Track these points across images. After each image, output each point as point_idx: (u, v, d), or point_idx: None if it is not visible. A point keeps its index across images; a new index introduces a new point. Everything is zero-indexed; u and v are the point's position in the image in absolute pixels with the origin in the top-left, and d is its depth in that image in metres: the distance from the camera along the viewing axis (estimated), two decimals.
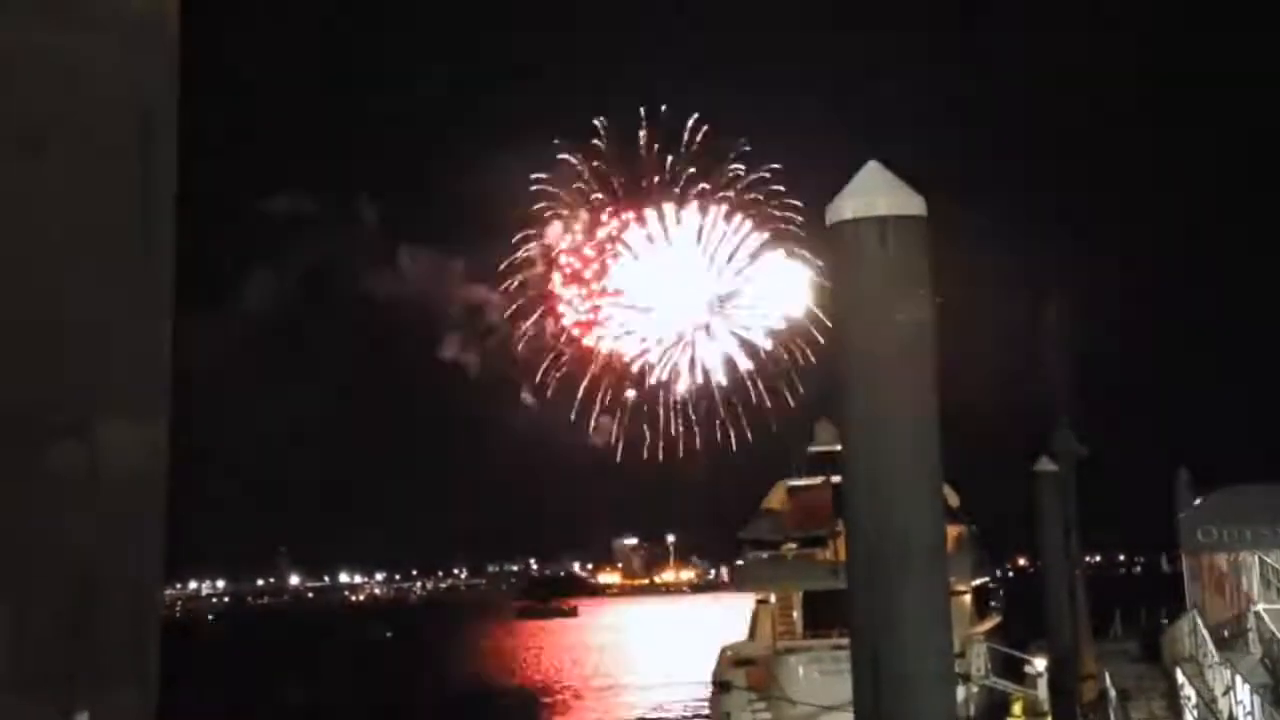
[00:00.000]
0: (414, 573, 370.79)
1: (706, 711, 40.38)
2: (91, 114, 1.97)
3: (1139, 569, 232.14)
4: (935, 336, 8.02)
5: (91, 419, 1.97)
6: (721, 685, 36.59)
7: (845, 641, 8.62)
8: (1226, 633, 35.49)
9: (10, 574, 1.89)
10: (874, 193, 8.06)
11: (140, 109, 2.04)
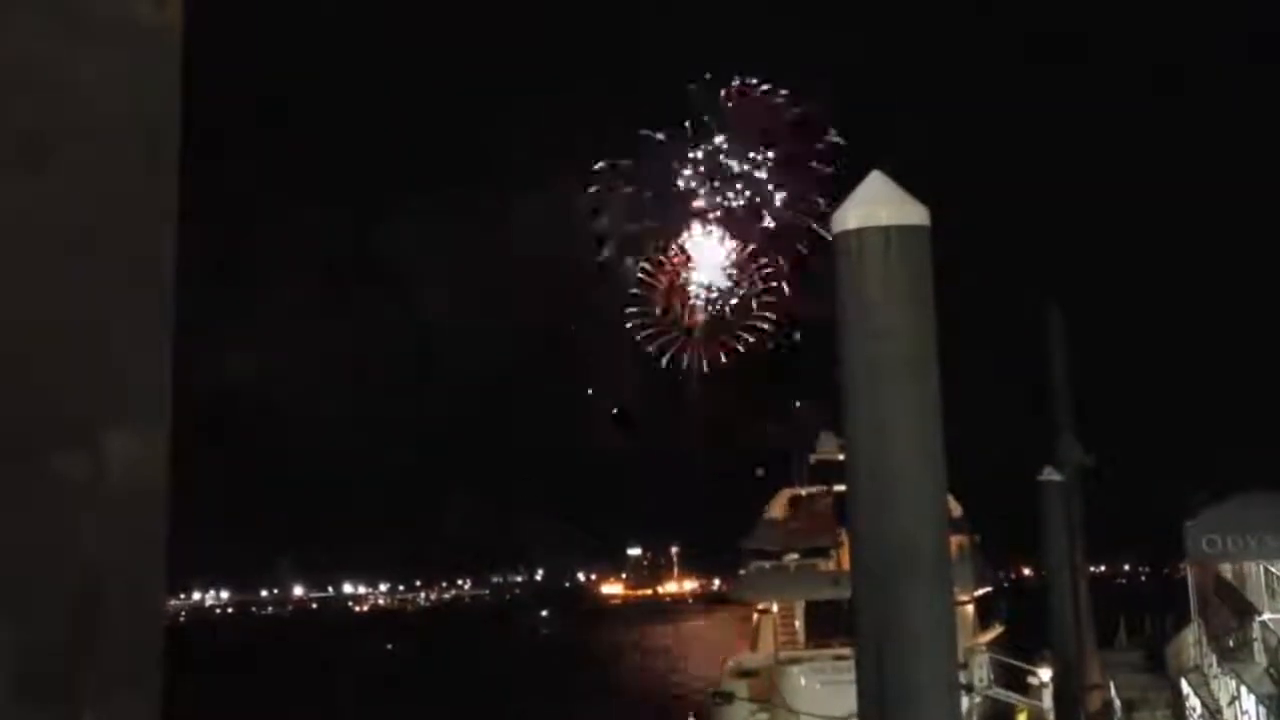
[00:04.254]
0: (417, 583, 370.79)
1: None
2: (94, 125, 1.97)
3: (1144, 578, 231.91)
4: (937, 346, 8.03)
5: (95, 428, 1.97)
6: (723, 696, 36.58)
7: (847, 652, 8.64)
8: (1231, 642, 35.46)
9: (14, 583, 1.90)
10: (877, 203, 8.08)
11: (144, 120, 2.04)
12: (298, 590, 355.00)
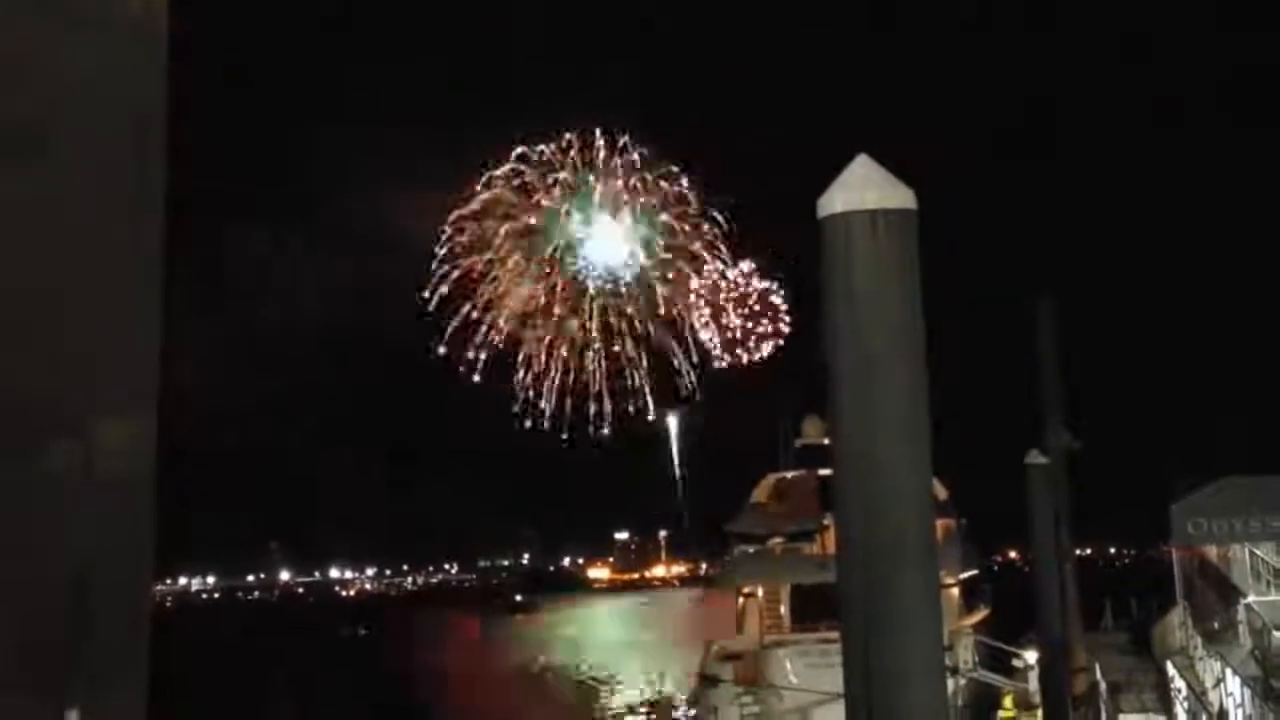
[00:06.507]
0: (405, 567, 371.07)
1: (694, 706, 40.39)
2: (84, 116, 1.97)
3: (1128, 561, 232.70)
4: (925, 330, 8.02)
5: (84, 418, 1.97)
6: (709, 679, 36.64)
7: (832, 635, 8.66)
8: (1217, 625, 35.59)
9: (3, 573, 1.90)
10: (864, 186, 8.06)
11: (132, 110, 2.04)
12: (285, 575, 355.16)
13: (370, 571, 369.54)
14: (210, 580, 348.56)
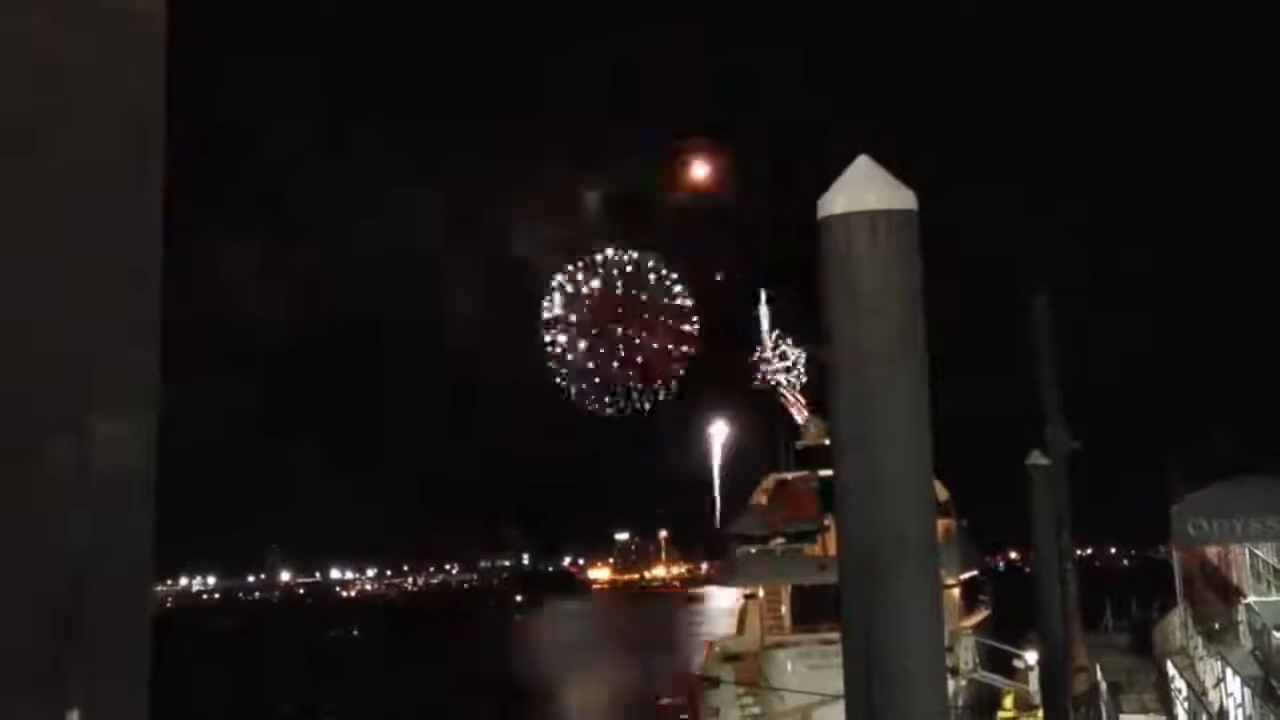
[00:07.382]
0: (405, 568, 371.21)
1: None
2: (80, 109, 1.97)
3: (1127, 561, 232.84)
4: (925, 330, 8.02)
5: (82, 415, 1.96)
6: (710, 680, 36.68)
7: (833, 636, 8.69)
8: (1217, 625, 35.62)
9: (1, 573, 1.89)
10: (864, 187, 8.06)
11: (132, 110, 2.03)
12: (285, 576, 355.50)
13: (371, 572, 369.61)
14: (211, 581, 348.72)
